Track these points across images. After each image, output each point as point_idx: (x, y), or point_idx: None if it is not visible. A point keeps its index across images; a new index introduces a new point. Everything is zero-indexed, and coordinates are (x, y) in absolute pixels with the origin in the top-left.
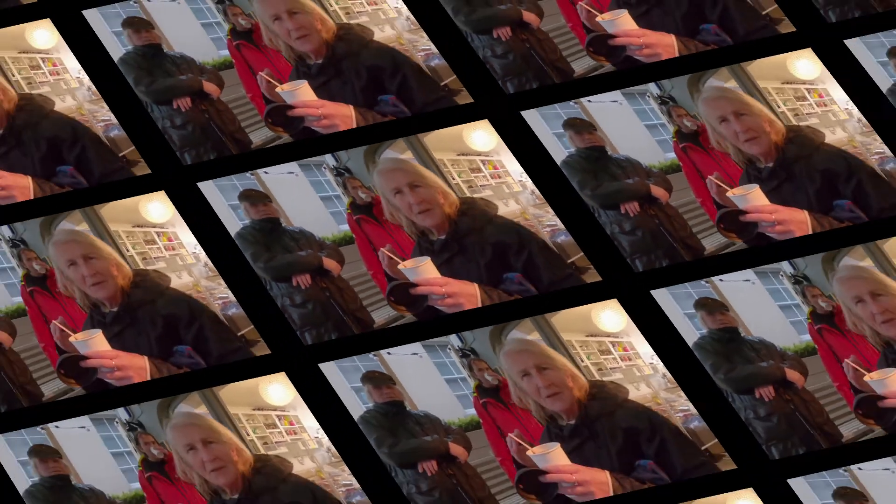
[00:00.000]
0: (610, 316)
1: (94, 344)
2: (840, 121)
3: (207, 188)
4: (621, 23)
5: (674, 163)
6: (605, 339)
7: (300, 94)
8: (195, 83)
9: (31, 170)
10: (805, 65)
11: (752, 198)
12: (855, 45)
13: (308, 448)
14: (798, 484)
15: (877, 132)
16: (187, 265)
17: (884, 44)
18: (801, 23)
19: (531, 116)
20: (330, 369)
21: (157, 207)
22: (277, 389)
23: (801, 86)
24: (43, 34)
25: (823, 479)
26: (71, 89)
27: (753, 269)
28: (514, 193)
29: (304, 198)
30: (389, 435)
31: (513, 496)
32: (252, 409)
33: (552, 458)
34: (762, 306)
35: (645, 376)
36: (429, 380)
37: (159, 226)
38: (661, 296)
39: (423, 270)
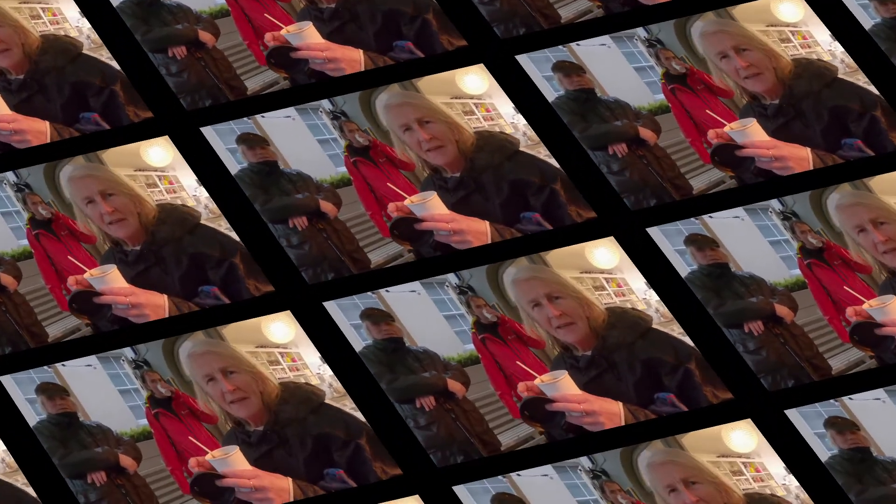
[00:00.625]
0: (603, 253)
1: (109, 280)
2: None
3: (207, 132)
4: None
5: (662, 104)
6: (599, 275)
7: (306, 35)
8: (191, 32)
9: (53, 115)
10: (788, 7)
11: (750, 132)
12: None
13: (310, 384)
14: (792, 414)
15: (863, 71)
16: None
17: None
18: None
19: (523, 60)
20: (331, 307)
21: (158, 152)
22: (280, 327)
23: (784, 28)
24: None
25: (815, 409)
26: (72, 38)
27: (743, 206)
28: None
29: (302, 141)
30: (388, 370)
31: (510, 430)
32: (255, 347)
33: (561, 386)
34: (752, 242)
35: (639, 309)
36: (427, 316)
37: (160, 169)
38: (653, 233)
39: (430, 206)
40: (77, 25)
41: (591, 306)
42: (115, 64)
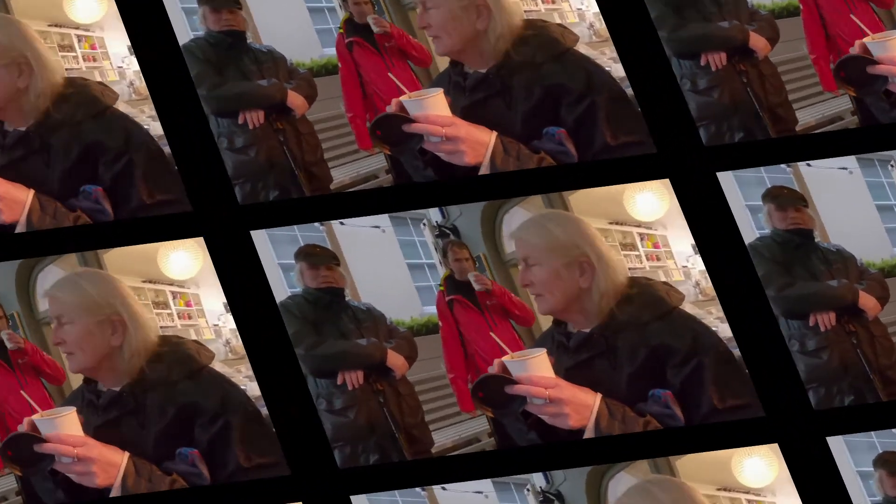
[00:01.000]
0: (648, 199)
1: None
2: None
3: None
4: None
5: (791, 4)
6: (633, 229)
7: None
8: None
9: None
10: None
11: (892, 46)
12: None
13: (201, 338)
14: (835, 442)
15: None
16: (108, 81)
17: None
18: None
19: None
20: (259, 238)
21: (87, 4)
22: (181, 258)
23: None
24: None
25: (869, 439)
26: None
27: (857, 155)
28: (567, 25)
29: (287, 5)
30: (312, 331)
31: (451, 427)
32: (142, 282)
33: (531, 366)
34: (854, 204)
35: (672, 282)
36: (387, 262)
37: (84, 27)
38: (725, 179)
39: (428, 105)
40: None
41: (608, 270)
42: None
